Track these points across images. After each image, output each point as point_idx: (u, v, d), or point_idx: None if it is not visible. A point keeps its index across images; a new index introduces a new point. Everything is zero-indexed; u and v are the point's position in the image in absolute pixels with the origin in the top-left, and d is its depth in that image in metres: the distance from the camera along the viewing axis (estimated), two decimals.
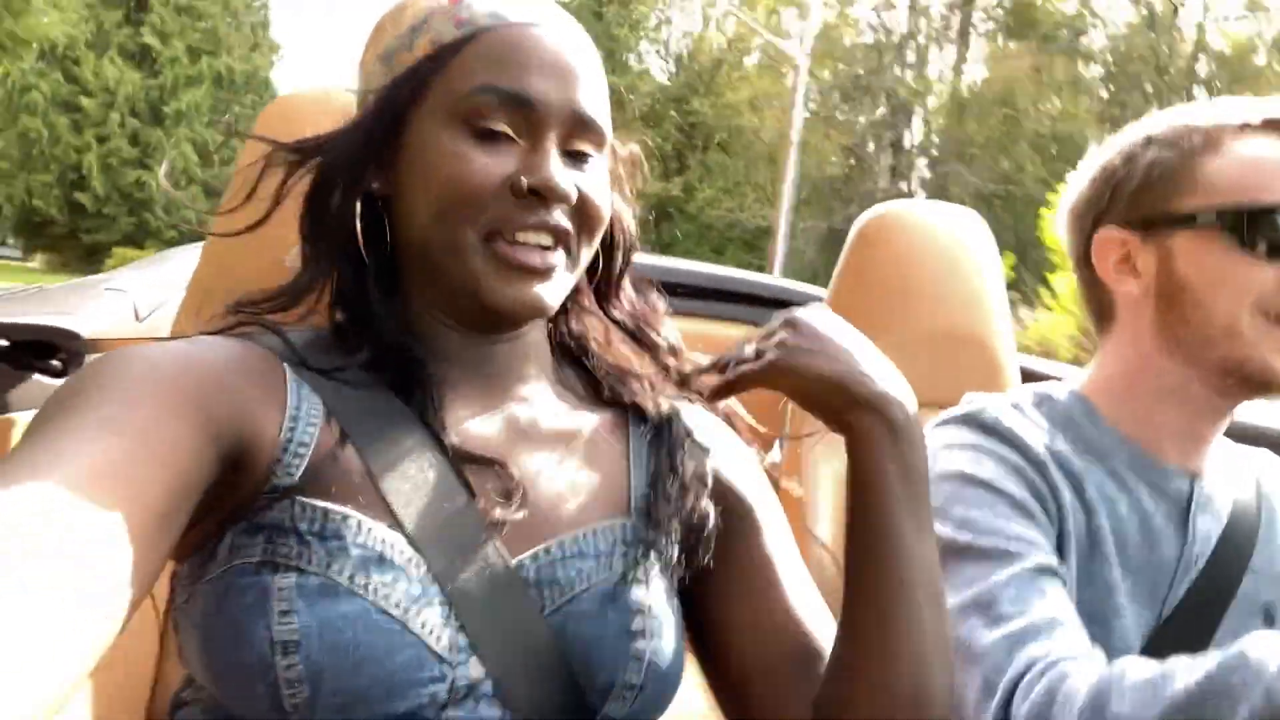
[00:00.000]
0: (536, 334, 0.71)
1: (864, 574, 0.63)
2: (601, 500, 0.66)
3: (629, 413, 0.72)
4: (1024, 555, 0.78)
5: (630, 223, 0.74)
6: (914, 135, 23.75)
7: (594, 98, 0.64)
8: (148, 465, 0.47)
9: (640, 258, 0.77)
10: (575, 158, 0.64)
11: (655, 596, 0.64)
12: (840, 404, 0.63)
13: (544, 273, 0.62)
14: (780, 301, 1.85)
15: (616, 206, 0.72)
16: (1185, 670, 0.64)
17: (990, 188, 19.38)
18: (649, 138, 0.78)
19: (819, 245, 19.67)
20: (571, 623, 0.60)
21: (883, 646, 0.60)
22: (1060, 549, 0.82)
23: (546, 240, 0.62)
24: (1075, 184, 0.96)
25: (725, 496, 0.70)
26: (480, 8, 0.63)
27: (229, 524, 0.57)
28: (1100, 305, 0.95)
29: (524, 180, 0.60)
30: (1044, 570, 0.77)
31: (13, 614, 0.37)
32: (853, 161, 22.94)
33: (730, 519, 0.70)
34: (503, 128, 0.61)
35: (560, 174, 0.61)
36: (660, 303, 0.77)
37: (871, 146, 23.27)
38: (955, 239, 1.28)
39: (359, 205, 0.66)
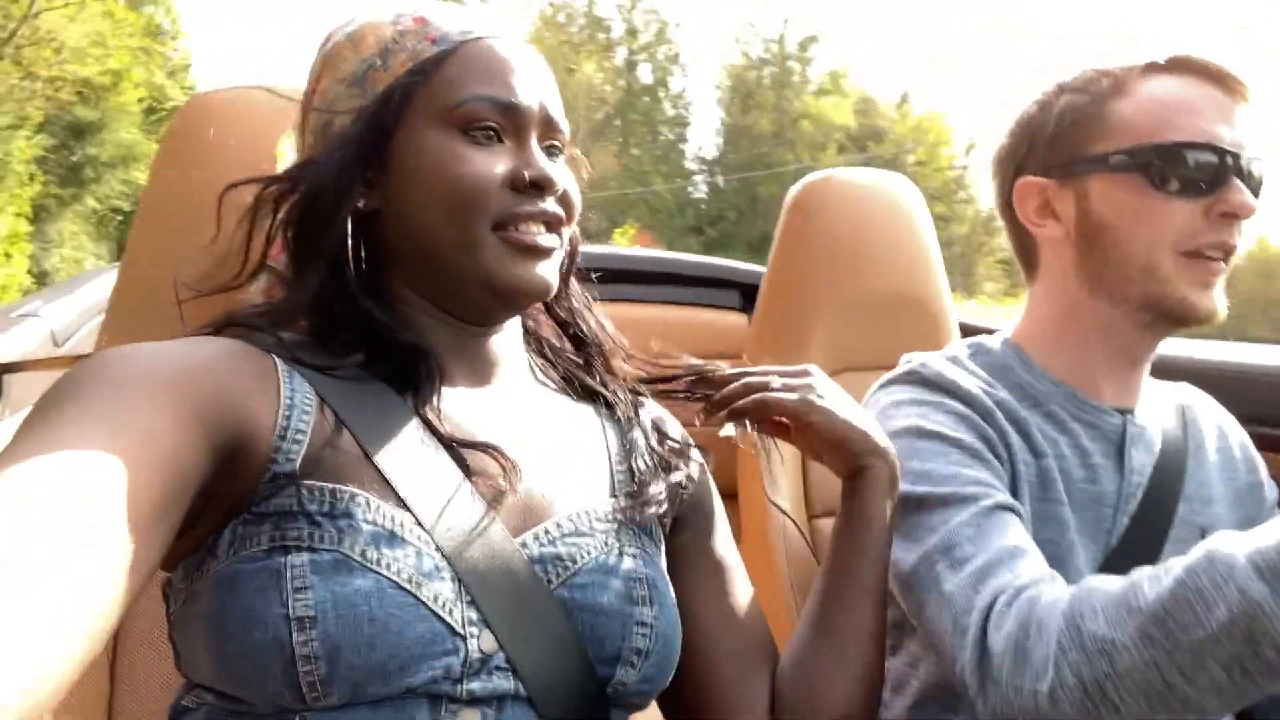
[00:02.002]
0: (514, 327, 0.76)
1: (845, 586, 0.73)
2: (588, 483, 0.70)
3: (597, 402, 0.78)
4: (980, 496, 0.79)
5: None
6: None
7: (558, 102, 0.71)
8: (144, 460, 0.46)
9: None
10: (551, 154, 0.70)
11: (652, 567, 0.68)
12: (860, 449, 0.75)
13: (547, 252, 0.68)
14: (721, 281, 1.84)
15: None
16: (1151, 580, 0.64)
17: None
18: None
19: None
20: (577, 594, 0.63)
21: (855, 635, 0.72)
22: (1014, 491, 0.84)
23: (542, 228, 0.68)
24: (999, 137, 0.97)
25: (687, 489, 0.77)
26: (449, 26, 0.68)
27: (227, 519, 0.57)
28: (1026, 252, 0.97)
29: (526, 174, 0.66)
30: (1000, 507, 0.79)
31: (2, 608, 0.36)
32: None
33: (691, 515, 0.77)
34: (493, 130, 0.66)
35: (551, 168, 0.67)
36: (588, 299, 0.82)
37: None
38: (888, 203, 1.29)
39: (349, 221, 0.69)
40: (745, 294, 1.82)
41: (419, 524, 0.58)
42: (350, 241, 0.68)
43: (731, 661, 0.72)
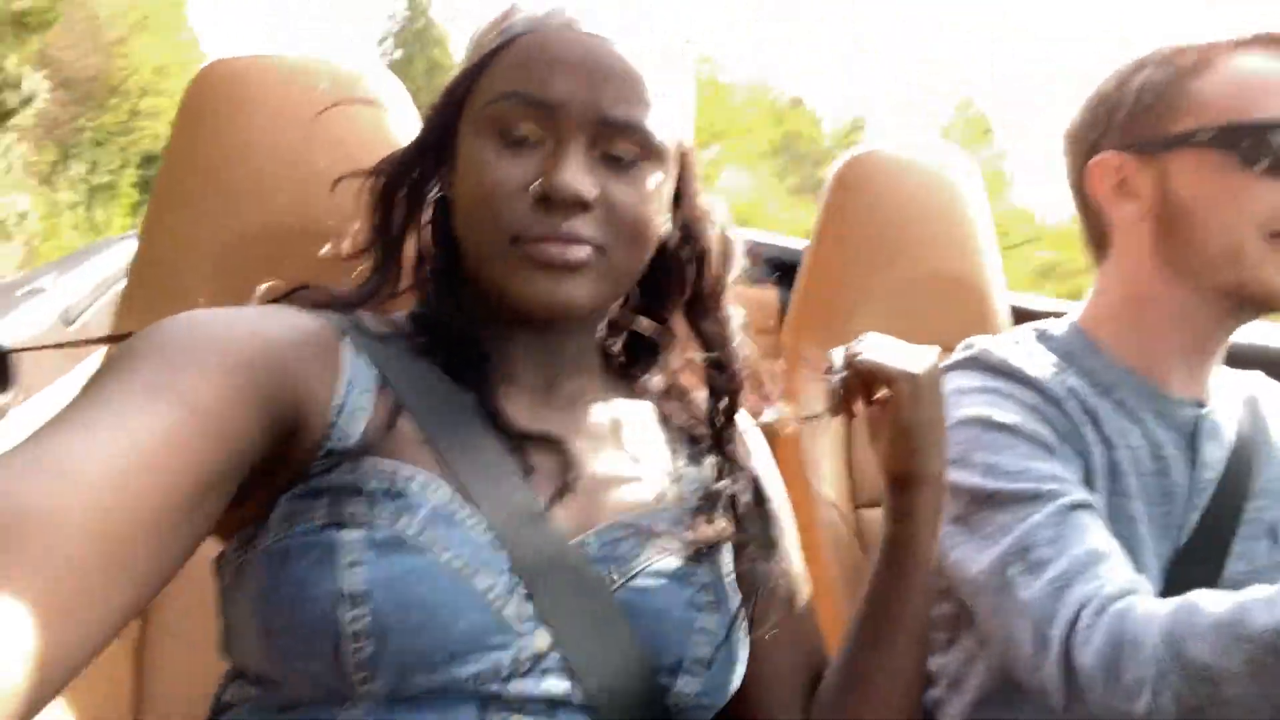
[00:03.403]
0: (588, 333, 0.71)
1: (883, 627, 0.69)
2: (652, 485, 0.67)
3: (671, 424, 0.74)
4: (1055, 494, 0.75)
5: (728, 236, 0.72)
6: None
7: (631, 100, 0.61)
8: (195, 433, 0.46)
9: None
10: (614, 163, 0.62)
11: (715, 573, 0.64)
12: (916, 474, 0.69)
13: (572, 268, 0.61)
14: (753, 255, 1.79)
15: (699, 218, 0.70)
16: (1264, 606, 0.61)
17: None
18: None
19: None
20: (637, 597, 0.60)
21: (888, 682, 0.68)
22: (1088, 484, 0.81)
23: (563, 244, 0.61)
24: (1075, 112, 0.93)
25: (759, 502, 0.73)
26: (522, 14, 0.63)
27: (281, 492, 0.56)
28: (1097, 232, 0.93)
29: (537, 186, 0.59)
30: (1077, 505, 0.75)
31: (44, 577, 0.37)
32: None
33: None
34: (528, 133, 0.61)
35: (576, 178, 0.59)
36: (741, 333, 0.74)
37: None
38: (938, 178, 1.25)
39: (431, 209, 0.69)
40: (777, 268, 1.78)
41: (478, 511, 0.57)
42: (432, 230, 0.68)
43: (781, 681, 0.70)
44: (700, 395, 0.75)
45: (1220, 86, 0.81)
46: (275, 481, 0.56)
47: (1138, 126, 0.85)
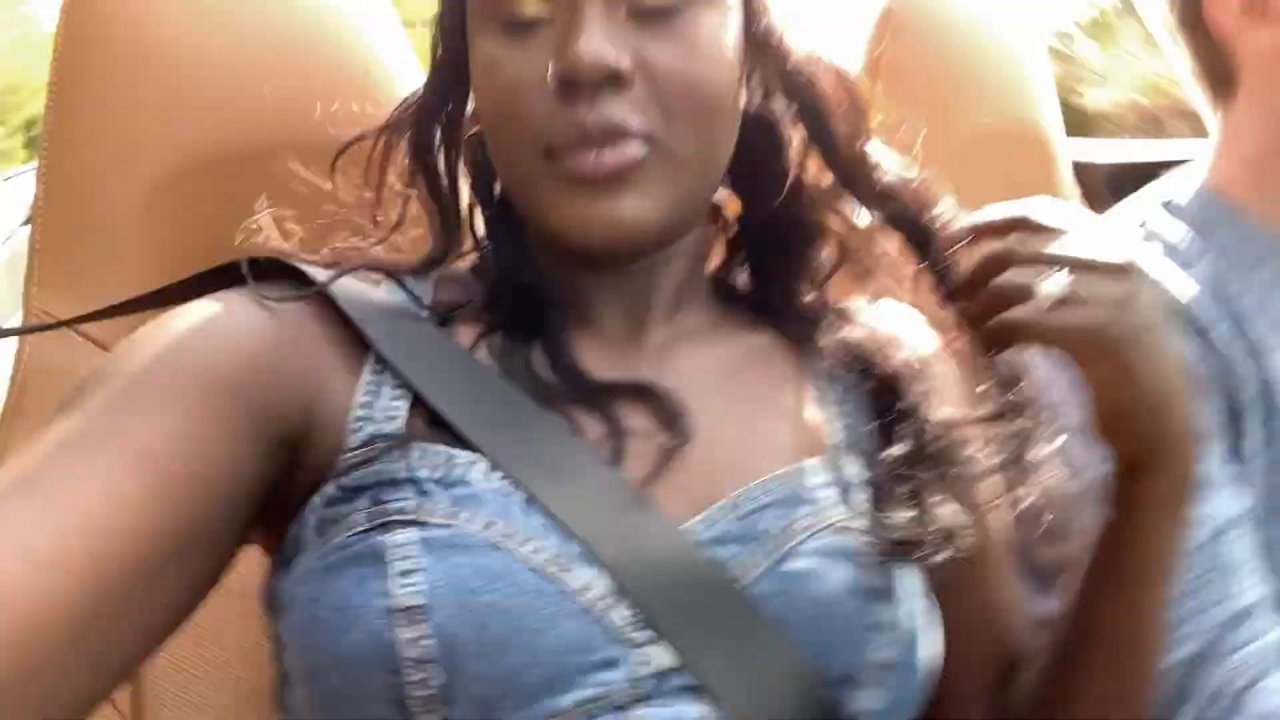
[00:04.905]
0: (681, 257, 0.55)
1: (1083, 643, 0.53)
2: (789, 438, 0.52)
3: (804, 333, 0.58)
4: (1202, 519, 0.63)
5: (844, 77, 0.54)
6: None
7: None
8: (157, 489, 0.39)
9: None
10: (648, 17, 0.47)
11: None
12: (1136, 447, 0.48)
13: (619, 177, 0.46)
14: None
15: (796, 67, 0.52)
16: None
17: None
18: None
19: None
20: (785, 586, 0.45)
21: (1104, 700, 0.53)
22: (1235, 426, 0.68)
23: (601, 145, 0.46)
24: None
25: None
26: None
27: (303, 501, 0.46)
28: (1218, 72, 0.77)
29: (551, 70, 0.45)
30: (1221, 531, 0.64)
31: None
32: None
33: None
34: (535, 10, 0.47)
35: (596, 45, 0.44)
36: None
37: None
38: (991, 16, 1.09)
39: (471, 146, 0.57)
40: None
41: (557, 494, 0.45)
42: (476, 168, 0.56)
43: (963, 676, 0.55)
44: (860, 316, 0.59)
45: None
46: (295, 494, 0.46)
47: None
